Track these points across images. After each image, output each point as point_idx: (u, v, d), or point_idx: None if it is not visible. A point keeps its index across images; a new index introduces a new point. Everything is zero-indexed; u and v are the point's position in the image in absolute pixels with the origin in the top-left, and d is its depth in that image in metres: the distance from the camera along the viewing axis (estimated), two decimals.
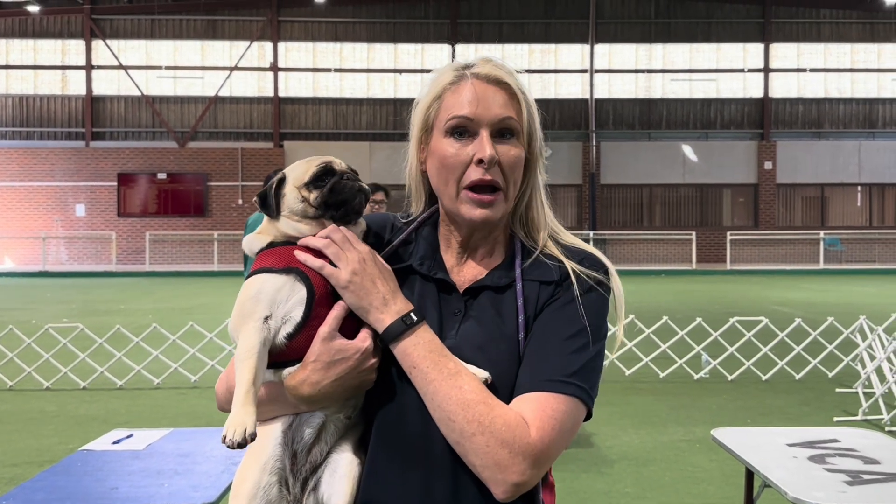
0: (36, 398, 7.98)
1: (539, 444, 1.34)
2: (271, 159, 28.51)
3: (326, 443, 1.47)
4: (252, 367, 1.37)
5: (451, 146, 1.47)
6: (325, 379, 1.40)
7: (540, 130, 1.55)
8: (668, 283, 21.82)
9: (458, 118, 1.46)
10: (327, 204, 1.48)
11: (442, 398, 1.36)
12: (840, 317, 10.01)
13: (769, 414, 7.25)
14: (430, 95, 1.51)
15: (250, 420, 1.34)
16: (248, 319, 1.40)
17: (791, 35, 29.96)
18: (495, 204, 1.47)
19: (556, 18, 29.67)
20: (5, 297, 18.63)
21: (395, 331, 1.40)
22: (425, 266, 1.53)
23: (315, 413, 1.46)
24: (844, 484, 2.94)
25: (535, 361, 1.41)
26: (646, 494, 5.11)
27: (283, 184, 1.52)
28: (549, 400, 1.37)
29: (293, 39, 29.53)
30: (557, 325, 1.44)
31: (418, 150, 1.55)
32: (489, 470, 1.34)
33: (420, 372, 1.38)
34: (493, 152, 1.44)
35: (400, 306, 1.42)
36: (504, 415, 1.35)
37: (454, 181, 1.47)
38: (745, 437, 3.64)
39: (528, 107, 1.50)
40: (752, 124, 29.88)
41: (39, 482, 2.87)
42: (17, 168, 28.34)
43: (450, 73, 1.50)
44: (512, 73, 1.49)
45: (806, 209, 29.81)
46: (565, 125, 29.49)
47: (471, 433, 1.34)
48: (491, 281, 1.50)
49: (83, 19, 28.85)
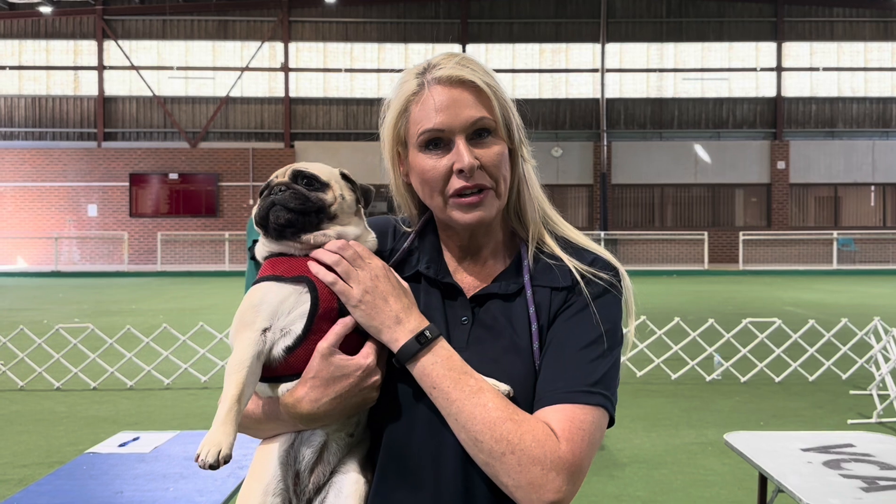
0: (46, 398, 7.99)
1: (571, 458, 1.29)
2: (282, 159, 28.55)
3: (329, 462, 1.42)
4: (239, 383, 1.31)
5: (427, 160, 1.41)
6: (325, 396, 1.34)
7: (517, 118, 1.47)
8: (680, 284, 21.71)
9: (428, 132, 1.40)
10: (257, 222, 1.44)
11: (466, 418, 1.30)
12: (854, 318, 9.93)
13: (782, 416, 7.18)
14: (396, 109, 1.45)
15: (227, 441, 1.26)
16: (246, 329, 1.35)
17: (804, 34, 29.77)
18: (485, 203, 1.41)
19: (566, 18, 29.59)
20: (18, 297, 18.71)
21: (410, 350, 1.34)
22: (432, 270, 1.48)
23: (316, 431, 1.40)
24: (860, 490, 2.88)
25: (556, 372, 1.36)
26: (657, 498, 5.05)
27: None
28: (576, 411, 1.32)
29: (304, 40, 29.57)
30: (574, 333, 1.39)
31: (395, 165, 1.50)
32: (522, 490, 1.28)
33: (441, 392, 1.32)
34: (472, 159, 1.38)
35: (414, 324, 1.36)
36: (533, 430, 1.29)
37: (439, 192, 1.42)
38: (758, 441, 3.59)
39: (498, 100, 1.42)
40: (765, 124, 29.71)
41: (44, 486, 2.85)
42: (30, 168, 28.49)
43: (412, 82, 1.43)
44: (474, 69, 1.41)
45: (819, 209, 29.62)
46: (576, 125, 29.40)
47: (500, 453, 1.28)
48: (499, 289, 1.45)
49: (95, 20, 28.97)
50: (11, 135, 29.13)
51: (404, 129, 1.44)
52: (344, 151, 28.19)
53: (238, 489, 2.88)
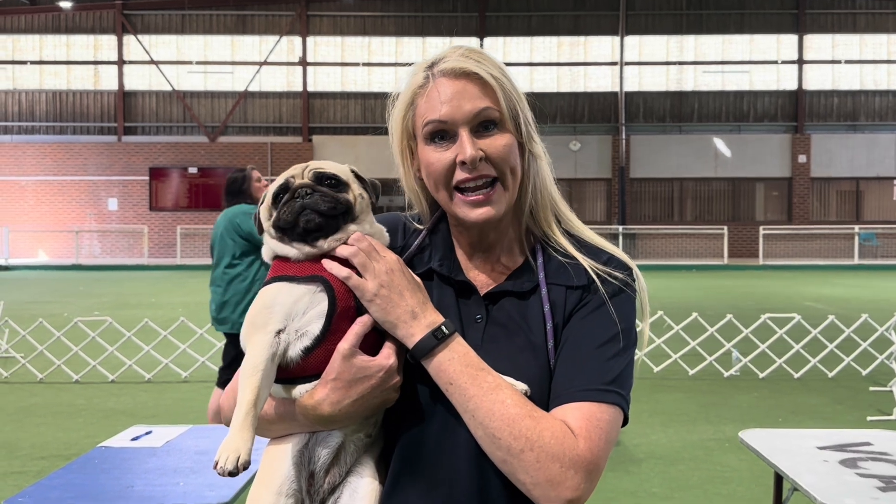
0: (65, 391, 8.06)
1: (589, 456, 1.28)
2: (300, 153, 28.63)
3: (345, 463, 1.39)
4: (255, 387, 1.28)
5: (432, 153, 1.40)
6: (347, 398, 1.32)
7: (527, 111, 1.45)
8: (698, 279, 21.57)
9: (432, 123, 1.39)
10: (280, 227, 1.38)
11: (484, 415, 1.29)
12: (875, 313, 9.82)
13: (801, 413, 7.11)
14: (403, 103, 1.45)
15: (245, 447, 1.24)
16: (259, 331, 1.32)
17: (826, 26, 29.43)
18: (493, 199, 1.39)
19: (585, 10, 29.42)
20: (39, 289, 18.90)
21: (426, 346, 1.32)
22: (445, 267, 1.47)
23: (332, 432, 1.38)
24: (877, 490, 2.84)
25: (572, 370, 1.35)
26: (673, 494, 5.02)
27: (265, 200, 1.43)
28: (593, 409, 1.32)
29: (322, 34, 29.60)
30: (590, 332, 1.38)
31: (406, 159, 1.48)
32: (541, 487, 1.27)
33: (458, 388, 1.31)
34: (475, 151, 1.37)
35: (430, 319, 1.34)
36: (551, 427, 1.28)
37: (444, 186, 1.41)
38: (774, 439, 3.55)
39: (505, 91, 1.40)
40: (786, 117, 29.42)
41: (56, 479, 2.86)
42: (51, 162, 28.73)
43: (419, 75, 1.43)
44: (480, 60, 1.40)
45: (841, 203, 29.31)
46: (595, 119, 29.25)
47: (519, 450, 1.27)
48: (513, 286, 1.44)
49: (115, 15, 29.15)
50: (33, 129, 29.39)
51: (411, 122, 1.44)
52: (361, 145, 28.21)
53: (249, 485, 2.88)
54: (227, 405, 1.50)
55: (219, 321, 5.75)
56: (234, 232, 5.67)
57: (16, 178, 28.66)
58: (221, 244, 5.73)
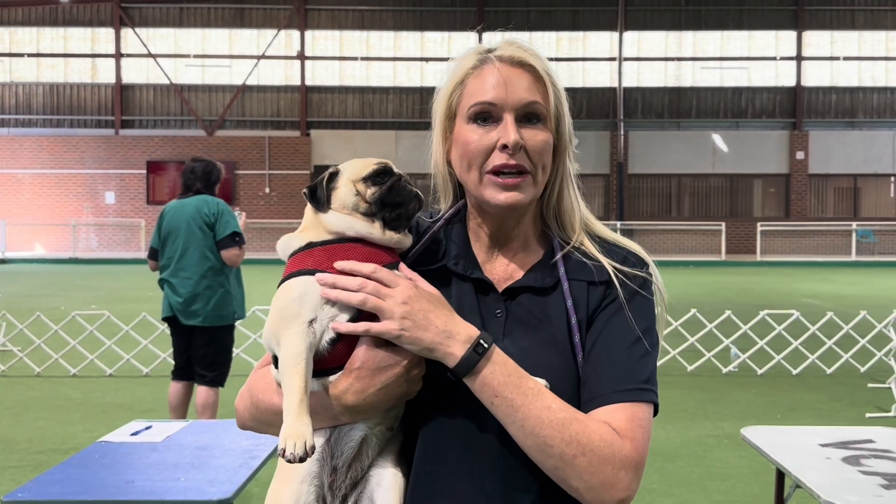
0: (62, 385, 8.04)
1: (636, 455, 1.31)
2: (298, 148, 28.58)
3: (368, 456, 1.39)
4: (302, 374, 1.28)
5: (474, 132, 1.40)
6: (371, 387, 1.31)
7: (569, 116, 1.48)
8: (696, 275, 21.58)
9: (481, 104, 1.39)
10: (383, 202, 1.40)
11: (534, 424, 1.28)
12: (873, 310, 9.83)
13: (799, 409, 7.12)
14: (453, 81, 1.44)
15: (308, 430, 1.26)
16: (292, 323, 1.31)
17: (824, 22, 29.41)
18: (522, 186, 1.39)
19: (584, 6, 29.37)
20: (36, 283, 18.86)
21: (469, 363, 1.29)
22: (461, 265, 1.46)
23: (355, 426, 1.38)
24: (880, 487, 2.84)
25: (608, 370, 1.37)
26: (672, 491, 5.02)
27: (336, 178, 1.44)
28: (635, 409, 1.35)
29: (320, 28, 29.53)
30: (620, 331, 1.40)
31: (443, 139, 1.48)
32: (595, 491, 1.28)
33: (504, 400, 1.29)
34: (518, 137, 1.37)
35: (465, 334, 1.31)
36: (599, 430, 1.30)
37: (477, 167, 1.40)
38: (775, 436, 3.54)
39: (555, 90, 1.43)
40: (784, 113, 29.41)
41: (56, 474, 2.85)
42: (48, 156, 28.65)
43: (472, 58, 1.44)
44: (537, 56, 1.42)
45: (838, 200, 29.32)
46: (593, 114, 29.22)
47: (572, 455, 1.27)
48: (534, 281, 1.43)
49: (112, 8, 29.05)
50: (29, 122, 29.31)
51: (457, 101, 1.44)
52: (359, 140, 28.17)
53: (249, 480, 2.87)
54: (244, 408, 1.50)
55: (187, 314, 5.54)
56: (204, 223, 5.51)
57: (12, 171, 28.58)
58: (188, 234, 5.52)
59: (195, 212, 5.54)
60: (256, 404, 1.44)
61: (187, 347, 5.70)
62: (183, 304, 5.54)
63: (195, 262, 5.54)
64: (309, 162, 28.46)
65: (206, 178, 5.67)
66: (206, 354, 5.64)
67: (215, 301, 5.57)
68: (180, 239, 5.56)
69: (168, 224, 5.64)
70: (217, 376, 5.69)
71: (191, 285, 5.53)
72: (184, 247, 5.56)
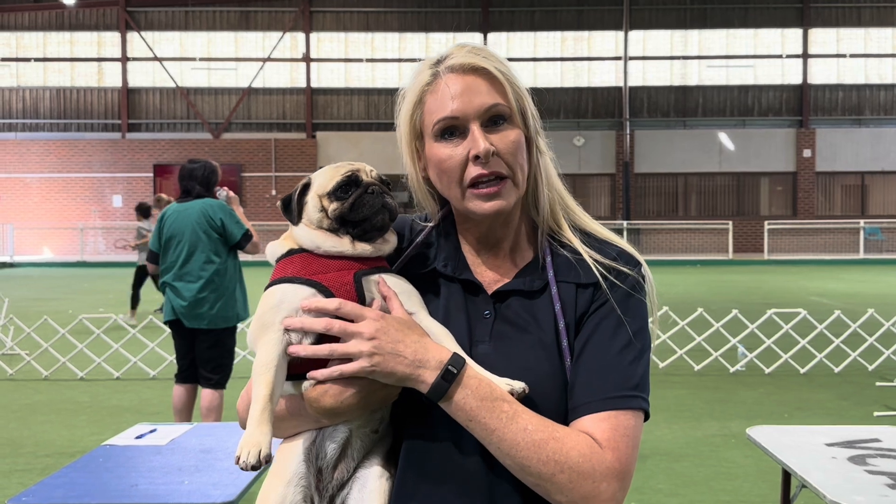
0: (70, 388, 8.06)
1: (618, 465, 1.30)
2: (304, 150, 28.61)
3: (353, 458, 1.40)
4: (269, 382, 1.30)
5: (444, 149, 1.39)
6: (348, 390, 1.32)
7: (533, 107, 1.45)
8: (703, 274, 21.52)
9: (444, 119, 1.38)
10: (344, 219, 1.39)
11: (509, 446, 1.28)
12: (881, 308, 9.78)
13: (807, 408, 7.09)
14: (411, 101, 1.43)
15: (265, 440, 1.27)
16: (268, 330, 1.34)
17: (830, 20, 29.30)
18: (503, 192, 1.38)
19: (589, 5, 29.32)
20: (44, 286, 18.92)
21: (439, 390, 1.29)
22: (449, 267, 1.46)
23: (338, 427, 1.39)
24: (886, 487, 2.82)
25: (593, 378, 1.35)
26: (679, 491, 5.00)
27: (307, 190, 1.44)
28: (620, 417, 1.33)
29: (325, 30, 29.55)
30: (608, 336, 1.38)
31: (414, 159, 1.47)
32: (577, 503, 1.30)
33: (478, 424, 1.29)
34: (488, 145, 1.36)
35: (435, 360, 1.30)
36: (577, 446, 1.29)
37: (456, 183, 1.39)
38: (781, 435, 3.52)
39: (512, 86, 1.40)
40: (791, 111, 29.31)
41: (60, 478, 2.85)
42: (56, 159, 28.76)
43: (426, 73, 1.42)
44: (488, 57, 1.40)
45: (846, 198, 29.20)
46: (599, 114, 29.17)
47: (550, 474, 1.28)
48: (523, 285, 1.43)
49: (118, 12, 29.14)
50: (37, 126, 29.41)
51: (420, 120, 1.43)
52: (365, 142, 28.18)
53: (253, 483, 2.87)
54: (243, 410, 1.51)
55: (192, 317, 5.54)
56: (210, 227, 5.52)
57: (20, 176, 28.69)
58: (193, 238, 5.52)
59: (200, 216, 5.54)
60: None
61: (191, 350, 5.71)
62: (188, 308, 5.54)
63: (200, 266, 5.54)
64: (315, 164, 28.48)
65: (206, 181, 5.68)
66: (211, 357, 5.65)
67: (220, 304, 5.58)
68: (184, 243, 5.55)
69: (170, 228, 5.63)
70: (221, 378, 5.70)
71: (196, 289, 5.53)
72: (189, 251, 5.55)
